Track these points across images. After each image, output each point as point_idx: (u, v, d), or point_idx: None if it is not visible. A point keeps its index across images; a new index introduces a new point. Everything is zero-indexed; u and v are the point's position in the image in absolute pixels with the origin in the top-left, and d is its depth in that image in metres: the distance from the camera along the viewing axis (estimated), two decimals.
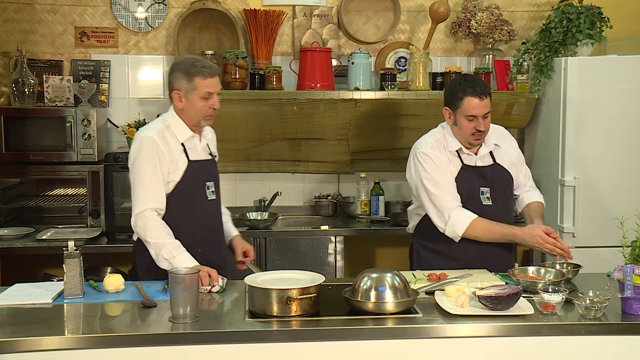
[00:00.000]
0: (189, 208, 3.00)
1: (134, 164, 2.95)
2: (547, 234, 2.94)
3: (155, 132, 2.97)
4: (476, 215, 3.04)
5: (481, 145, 3.16)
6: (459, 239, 3.05)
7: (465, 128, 3.05)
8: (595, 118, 4.17)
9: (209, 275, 2.76)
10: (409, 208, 3.37)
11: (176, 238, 2.89)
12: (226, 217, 3.27)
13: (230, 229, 3.27)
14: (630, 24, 4.65)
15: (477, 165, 3.15)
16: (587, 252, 4.13)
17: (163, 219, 2.93)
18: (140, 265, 3.04)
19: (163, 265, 2.83)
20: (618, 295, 2.51)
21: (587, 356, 2.44)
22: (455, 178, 3.11)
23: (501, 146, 3.21)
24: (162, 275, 2.76)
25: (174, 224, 2.93)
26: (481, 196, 3.12)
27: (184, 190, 2.99)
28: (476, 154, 3.15)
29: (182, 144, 3.00)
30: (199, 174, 3.04)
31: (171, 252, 2.83)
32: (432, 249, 3.19)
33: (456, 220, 3.02)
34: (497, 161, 3.19)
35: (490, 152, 3.19)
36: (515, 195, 3.29)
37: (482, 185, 3.13)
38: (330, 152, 4.53)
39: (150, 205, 2.90)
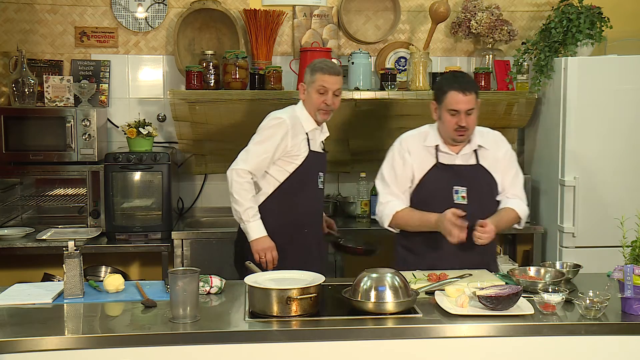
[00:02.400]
0: (303, 192, 3.38)
1: (260, 131, 3.35)
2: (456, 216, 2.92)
3: (290, 115, 3.36)
4: (403, 207, 3.11)
5: (465, 144, 3.14)
6: (397, 230, 3.18)
7: (448, 123, 3.05)
8: (595, 118, 4.17)
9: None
10: None
11: (288, 218, 3.35)
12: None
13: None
14: (630, 24, 4.65)
15: (456, 163, 3.13)
16: (587, 252, 4.14)
17: (279, 200, 3.35)
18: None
19: (237, 219, 3.32)
20: (618, 295, 2.51)
21: (587, 356, 2.44)
22: (425, 175, 3.12)
23: (488, 149, 3.17)
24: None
25: (290, 205, 3.36)
26: (455, 195, 3.10)
27: (302, 176, 3.36)
28: (458, 153, 3.14)
29: (307, 134, 3.37)
30: (315, 164, 3.41)
31: (249, 216, 3.27)
32: (410, 249, 3.17)
33: (383, 212, 3.15)
34: (481, 162, 3.16)
35: (475, 153, 3.16)
36: (498, 200, 3.21)
37: (457, 184, 3.10)
38: (330, 152, 4.52)
39: (250, 167, 3.29)
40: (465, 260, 3.03)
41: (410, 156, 3.14)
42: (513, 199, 3.18)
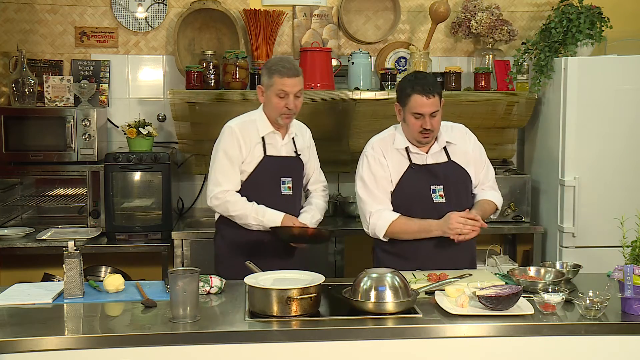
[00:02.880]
0: (260, 199, 3.18)
1: (213, 151, 3.22)
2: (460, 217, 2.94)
3: (237, 123, 3.22)
4: (397, 216, 3.05)
5: (433, 142, 3.13)
6: (387, 239, 3.10)
7: (413, 126, 3.03)
8: (595, 118, 4.17)
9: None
10: None
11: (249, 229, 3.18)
12: (307, 209, 3.33)
13: (304, 218, 3.26)
14: (630, 24, 4.65)
15: (428, 163, 3.11)
16: (587, 252, 4.13)
17: None
18: (221, 247, 3.31)
19: (255, 227, 3.16)
20: (618, 295, 2.52)
21: (587, 356, 2.44)
22: (402, 178, 3.09)
23: (456, 144, 3.16)
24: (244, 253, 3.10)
25: None
26: (432, 194, 3.08)
27: (257, 182, 3.19)
28: (427, 152, 3.13)
29: (262, 138, 3.19)
30: (274, 169, 3.22)
31: (257, 214, 3.13)
32: (389, 251, 3.14)
33: (376, 223, 3.07)
34: (452, 158, 3.14)
35: (445, 149, 3.15)
36: (473, 194, 3.22)
37: (434, 184, 3.09)
38: (331, 152, 4.52)
39: (224, 187, 3.16)
40: (446, 260, 3.02)
41: (385, 159, 3.11)
42: (488, 190, 3.22)
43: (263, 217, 3.13)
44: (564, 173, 4.20)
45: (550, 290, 2.55)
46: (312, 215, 3.29)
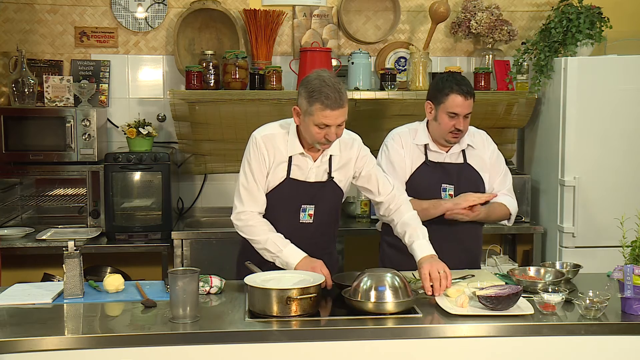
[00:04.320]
0: (274, 222, 2.88)
1: (242, 161, 2.91)
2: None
3: (266, 134, 2.87)
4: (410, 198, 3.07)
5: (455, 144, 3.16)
6: None
7: (445, 125, 3.06)
8: (595, 118, 4.17)
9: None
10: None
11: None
12: (413, 233, 2.86)
13: (416, 249, 2.82)
14: (630, 24, 4.65)
15: (445, 161, 3.16)
16: (587, 252, 4.13)
17: None
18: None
19: (270, 259, 2.82)
20: (618, 295, 2.51)
21: (587, 356, 2.44)
22: (415, 172, 3.15)
23: (476, 148, 3.21)
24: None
25: None
26: (442, 192, 3.14)
27: (274, 203, 2.89)
28: (447, 152, 3.16)
29: (289, 158, 2.86)
30: (293, 194, 2.88)
31: (277, 246, 2.79)
32: (395, 246, 3.13)
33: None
34: (468, 161, 3.19)
35: (463, 152, 3.19)
36: None
37: (445, 182, 3.14)
38: None
39: (248, 208, 2.87)
40: (451, 258, 3.00)
41: (404, 151, 3.17)
42: (503, 195, 3.24)
43: (281, 251, 2.79)
44: (563, 173, 4.20)
45: (550, 290, 2.55)
46: (422, 236, 2.85)
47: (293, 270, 2.73)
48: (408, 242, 2.86)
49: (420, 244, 2.80)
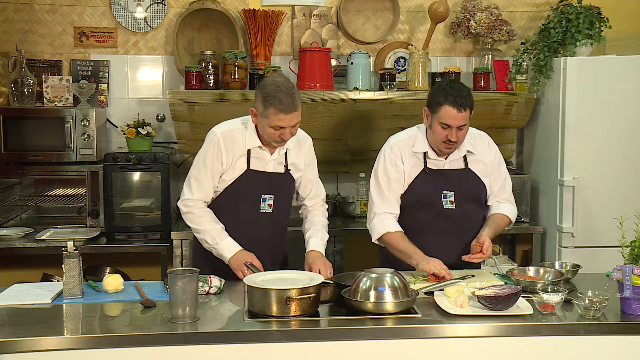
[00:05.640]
0: (236, 213, 3.05)
1: (199, 151, 3.09)
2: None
3: (224, 130, 3.04)
4: (396, 229, 3.06)
5: (454, 150, 3.11)
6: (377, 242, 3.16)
7: (438, 135, 3.01)
8: (595, 118, 4.17)
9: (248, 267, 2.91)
10: None
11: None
12: (313, 232, 3.16)
13: (310, 241, 3.14)
14: (629, 24, 4.65)
15: (445, 168, 3.12)
16: (587, 252, 4.13)
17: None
18: (197, 253, 3.19)
19: (207, 249, 3.02)
20: (617, 295, 2.52)
21: (586, 356, 2.44)
22: (414, 180, 3.11)
23: (476, 153, 3.16)
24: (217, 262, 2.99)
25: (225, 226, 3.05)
26: (443, 199, 3.09)
27: (235, 194, 3.04)
28: (446, 159, 3.12)
29: (248, 150, 3.02)
30: (255, 184, 3.04)
31: (214, 238, 2.98)
32: None
33: (376, 225, 3.11)
34: (470, 167, 3.15)
35: (464, 157, 3.14)
36: (488, 204, 3.22)
37: (446, 189, 3.10)
38: (330, 152, 4.52)
39: (195, 196, 3.03)
40: (451, 258, 3.01)
41: (403, 163, 3.12)
42: (504, 203, 3.20)
43: (218, 244, 2.97)
44: (563, 173, 4.20)
45: (549, 290, 2.55)
46: (320, 237, 3.15)
47: (292, 271, 2.74)
48: (307, 237, 3.15)
49: (316, 241, 3.10)
